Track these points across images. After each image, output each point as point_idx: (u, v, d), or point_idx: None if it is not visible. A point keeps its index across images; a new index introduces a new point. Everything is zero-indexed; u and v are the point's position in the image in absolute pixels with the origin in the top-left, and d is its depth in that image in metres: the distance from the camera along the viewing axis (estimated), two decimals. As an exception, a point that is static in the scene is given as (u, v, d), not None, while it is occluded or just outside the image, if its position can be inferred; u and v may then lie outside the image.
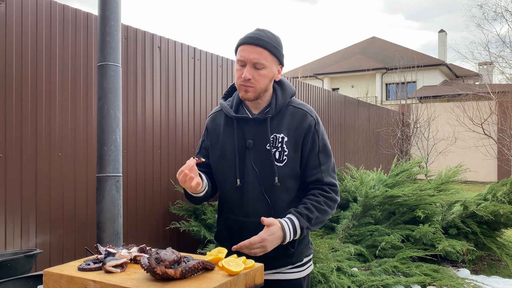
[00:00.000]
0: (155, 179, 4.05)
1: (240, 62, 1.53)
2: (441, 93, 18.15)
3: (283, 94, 1.61)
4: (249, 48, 1.50)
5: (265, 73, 1.52)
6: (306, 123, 1.58)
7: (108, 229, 1.73)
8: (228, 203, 1.62)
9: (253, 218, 1.55)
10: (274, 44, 1.53)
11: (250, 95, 1.53)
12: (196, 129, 4.58)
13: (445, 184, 4.96)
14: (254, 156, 1.56)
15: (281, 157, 1.55)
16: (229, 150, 1.59)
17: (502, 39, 15.53)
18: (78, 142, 3.29)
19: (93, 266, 1.16)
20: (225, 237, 1.64)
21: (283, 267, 1.58)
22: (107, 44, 1.75)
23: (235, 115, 1.59)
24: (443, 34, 29.24)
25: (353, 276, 3.80)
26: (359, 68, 25.36)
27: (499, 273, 4.57)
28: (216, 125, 1.66)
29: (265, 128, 1.56)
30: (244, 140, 1.58)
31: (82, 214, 3.31)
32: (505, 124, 11.32)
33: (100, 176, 1.78)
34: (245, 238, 1.56)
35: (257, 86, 1.52)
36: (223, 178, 1.62)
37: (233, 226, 1.60)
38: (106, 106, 1.75)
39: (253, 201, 1.56)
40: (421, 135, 12.67)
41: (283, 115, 1.59)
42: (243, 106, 1.63)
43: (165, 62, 4.17)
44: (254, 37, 1.50)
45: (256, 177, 1.55)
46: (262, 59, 1.50)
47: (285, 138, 1.56)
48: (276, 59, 1.55)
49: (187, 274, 1.06)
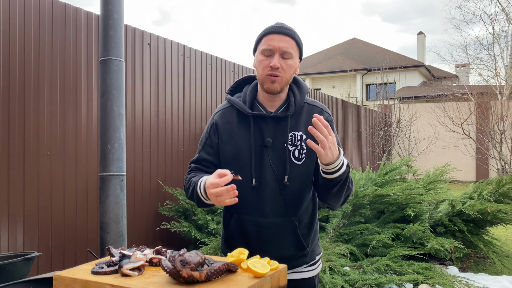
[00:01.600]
0: (145, 180, 3.96)
1: (266, 51, 1.48)
2: (421, 94, 18.47)
3: (300, 92, 1.58)
4: (278, 37, 1.47)
5: (291, 63, 1.49)
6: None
7: (112, 230, 1.65)
8: (242, 203, 1.55)
9: (270, 219, 1.51)
10: (299, 35, 1.52)
11: (276, 86, 1.48)
12: (186, 128, 4.51)
13: (433, 183, 5.02)
14: (272, 155, 1.51)
15: (300, 155, 1.51)
16: (245, 149, 1.53)
17: (480, 41, 15.91)
18: (67, 141, 3.19)
19: (108, 270, 1.09)
20: (238, 239, 1.57)
21: (299, 266, 1.56)
22: (110, 38, 1.67)
23: (252, 112, 1.53)
24: (422, 36, 29.77)
25: (346, 275, 3.79)
26: (340, 69, 25.61)
27: (485, 270, 4.65)
28: (227, 122, 1.59)
29: (284, 126, 1.52)
30: (261, 139, 1.52)
31: (71, 218, 3.21)
32: (484, 125, 11.57)
33: (104, 175, 1.70)
34: (261, 240, 1.52)
35: (284, 76, 1.48)
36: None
37: (248, 227, 1.54)
38: (110, 102, 1.67)
39: (270, 201, 1.51)
40: (402, 135, 12.86)
41: (300, 113, 1.56)
42: (257, 103, 1.58)
43: (155, 60, 4.09)
44: (282, 27, 1.48)
45: (275, 177, 1.51)
46: (290, 48, 1.47)
47: (303, 136, 1.53)
48: (299, 52, 1.53)
49: (212, 276, 1.01)
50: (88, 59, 3.33)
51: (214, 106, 4.95)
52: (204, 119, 4.79)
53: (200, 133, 4.72)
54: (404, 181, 4.97)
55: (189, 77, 4.55)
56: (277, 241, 1.52)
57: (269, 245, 1.52)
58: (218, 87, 5.01)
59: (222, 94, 5.08)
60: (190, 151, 4.55)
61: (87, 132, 3.32)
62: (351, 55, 28.58)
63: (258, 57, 1.51)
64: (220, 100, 5.05)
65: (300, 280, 1.56)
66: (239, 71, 5.37)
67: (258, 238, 1.52)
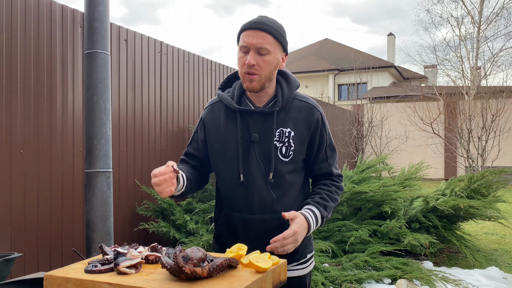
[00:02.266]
0: (121, 179, 3.87)
1: (243, 48, 1.45)
2: (392, 94, 18.87)
3: (288, 87, 1.55)
4: (252, 33, 1.42)
5: (269, 59, 1.45)
6: (314, 118, 1.53)
7: (99, 229, 1.59)
8: (230, 200, 1.53)
9: (259, 215, 1.49)
10: (278, 29, 1.47)
11: (255, 84, 1.45)
12: (163, 126, 4.43)
13: (408, 180, 5.13)
14: (259, 150, 1.49)
15: (287, 152, 1.50)
16: (232, 144, 1.51)
17: (447, 43, 16.39)
18: (42, 139, 3.07)
19: (103, 268, 1.05)
20: (227, 236, 1.55)
21: (288, 264, 1.53)
22: (96, 30, 1.60)
23: (239, 108, 1.51)
24: (392, 37, 30.44)
25: (326, 272, 3.82)
26: (313, 69, 25.85)
27: (458, 264, 4.78)
28: (214, 118, 1.57)
29: (271, 121, 1.50)
30: (248, 134, 1.50)
31: (46, 218, 3.09)
32: (452, 124, 11.94)
33: (89, 172, 1.63)
34: (250, 236, 1.50)
35: (262, 73, 1.44)
36: (224, 174, 1.54)
37: (237, 223, 1.52)
38: (95, 97, 1.61)
39: (258, 197, 1.49)
40: (374, 134, 13.11)
41: (289, 109, 1.53)
42: (245, 98, 1.55)
43: (131, 56, 4.00)
44: (257, 22, 1.44)
45: (262, 173, 1.49)
46: (266, 43, 1.43)
47: (291, 132, 1.50)
48: (280, 46, 1.48)
49: (214, 272, 0.98)
50: (63, 54, 3.22)
51: (191, 104, 4.89)
52: (182, 117, 4.73)
53: (178, 132, 4.65)
54: (380, 179, 5.06)
55: (166, 74, 4.47)
56: (265, 238, 1.50)
57: (257, 241, 1.50)
58: (196, 84, 4.95)
59: (200, 91, 5.02)
60: (167, 150, 4.47)
61: (63, 129, 3.20)
62: (324, 55, 28.92)
63: (238, 54, 1.49)
64: (198, 97, 4.99)
65: (290, 278, 1.53)
66: (216, 68, 5.33)
67: (247, 235, 1.50)
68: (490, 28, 16.39)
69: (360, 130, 13.14)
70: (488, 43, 16.85)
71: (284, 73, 1.59)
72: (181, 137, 4.70)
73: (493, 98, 11.68)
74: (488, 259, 4.93)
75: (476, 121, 11.29)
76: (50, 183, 3.11)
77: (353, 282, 3.66)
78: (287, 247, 1.35)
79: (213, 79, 5.25)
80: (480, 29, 15.89)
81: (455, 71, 16.17)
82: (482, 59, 15.96)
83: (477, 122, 11.27)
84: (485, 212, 4.75)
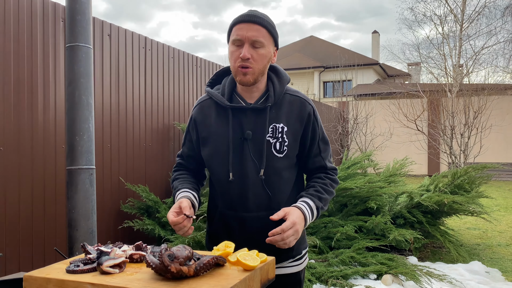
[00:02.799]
0: (105, 176, 3.80)
1: (236, 42, 1.42)
2: (377, 91, 19.03)
3: (280, 82, 1.53)
4: (247, 26, 1.40)
5: (263, 52, 1.43)
6: (306, 112, 1.52)
7: (82, 227, 1.54)
8: (225, 198, 1.51)
9: (254, 213, 1.47)
10: (270, 22, 1.45)
11: (249, 78, 1.43)
12: (148, 122, 4.37)
13: (393, 176, 5.17)
14: (253, 147, 1.47)
15: (281, 148, 1.48)
16: (224, 143, 1.48)
17: (430, 41, 16.60)
18: (23, 135, 2.99)
19: (85, 268, 1.01)
20: (222, 235, 1.53)
21: (284, 261, 1.52)
22: (78, 23, 1.55)
23: (231, 105, 1.48)
24: (376, 35, 30.67)
25: (312, 268, 3.83)
26: (299, 66, 25.89)
27: (442, 259, 4.84)
28: (205, 116, 1.54)
29: (264, 118, 1.47)
30: (241, 131, 1.48)
31: (27, 216, 3.02)
32: (436, 121, 12.09)
33: (72, 169, 1.58)
34: (246, 234, 1.48)
35: (256, 67, 1.42)
36: (218, 173, 1.51)
37: (232, 222, 1.50)
38: (78, 92, 1.56)
39: (253, 194, 1.47)
40: (359, 130, 13.20)
41: (280, 104, 1.51)
42: (236, 95, 1.52)
43: (115, 51, 3.93)
44: (250, 15, 1.42)
45: (256, 170, 1.46)
46: (261, 36, 1.41)
47: (285, 128, 1.48)
48: (273, 39, 1.47)
49: (200, 271, 0.96)
50: (45, 48, 3.14)
51: (176, 101, 4.83)
52: (167, 113, 4.67)
53: (163, 128, 4.60)
54: (366, 175, 5.09)
55: (150, 70, 4.41)
56: (261, 236, 1.48)
57: (253, 240, 1.48)
58: (181, 81, 4.90)
59: (185, 88, 4.97)
60: (152, 147, 4.42)
61: (44, 125, 3.13)
62: (309, 52, 28.98)
63: (229, 48, 1.46)
64: (183, 94, 4.94)
65: (286, 275, 1.53)
66: (202, 65, 5.28)
67: (242, 233, 1.48)
68: (472, 27, 16.64)
69: (345, 127, 13.22)
70: (470, 41, 17.11)
71: (275, 68, 1.57)
72: (166, 134, 4.64)
73: (475, 95, 11.87)
74: (471, 254, 5.01)
75: (459, 118, 11.47)
76: (31, 181, 3.04)
77: (339, 278, 3.67)
78: (288, 239, 1.32)
79: (198, 76, 5.20)
80: (462, 28, 16.12)
81: (438, 68, 16.40)
82: (465, 57, 16.22)
83: (459, 119, 11.44)
84: (468, 208, 4.82)
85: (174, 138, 4.76)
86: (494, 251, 5.15)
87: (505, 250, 5.18)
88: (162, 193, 4.51)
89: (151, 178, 4.40)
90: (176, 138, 4.78)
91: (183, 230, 1.35)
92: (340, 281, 3.62)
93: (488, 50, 16.76)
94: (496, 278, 4.15)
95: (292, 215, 1.36)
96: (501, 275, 4.26)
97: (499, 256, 4.91)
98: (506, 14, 16.34)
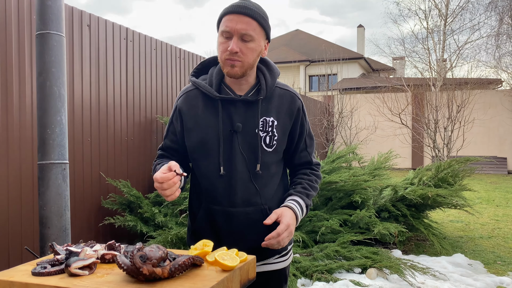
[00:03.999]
0: (85, 171, 3.70)
1: (225, 33, 1.35)
2: (362, 85, 19.11)
3: (271, 75, 1.47)
4: (236, 18, 1.33)
5: (253, 46, 1.36)
6: (295, 106, 1.48)
7: (54, 225, 1.47)
8: (211, 192, 1.44)
9: (241, 208, 1.42)
10: (262, 15, 1.38)
11: (237, 70, 1.36)
12: (129, 116, 4.27)
13: (378, 169, 5.17)
14: (242, 141, 1.41)
15: (271, 142, 1.43)
16: (213, 135, 1.42)
17: (415, 35, 16.70)
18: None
19: (52, 270, 0.95)
20: (207, 230, 1.47)
21: (271, 257, 1.48)
22: (48, 9, 1.46)
23: (220, 96, 1.41)
24: (361, 29, 30.77)
25: (297, 263, 3.80)
26: (284, 59, 25.83)
27: (425, 252, 4.88)
28: (191, 106, 1.46)
29: (255, 110, 1.42)
30: (230, 124, 1.42)
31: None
32: (420, 114, 12.20)
33: (43, 164, 1.50)
34: (232, 230, 1.43)
35: (245, 60, 1.36)
36: (205, 166, 1.44)
37: (218, 217, 1.44)
38: (49, 82, 1.47)
39: (241, 189, 1.41)
40: (344, 124, 13.25)
41: (271, 97, 1.46)
42: (224, 86, 1.46)
43: (95, 42, 3.81)
44: (242, 6, 1.34)
45: (245, 164, 1.41)
46: (250, 30, 1.34)
47: (275, 121, 1.44)
48: (264, 32, 1.40)
49: (176, 272, 0.90)
50: (20, 38, 3.02)
51: (159, 93, 4.74)
52: (149, 107, 4.57)
53: (145, 122, 4.51)
54: (351, 169, 5.08)
55: (132, 62, 4.30)
56: (248, 231, 1.43)
57: (239, 235, 1.43)
58: (164, 73, 4.80)
59: (168, 80, 4.87)
60: (134, 141, 4.32)
61: (20, 118, 3.02)
62: (295, 46, 28.95)
63: (218, 39, 1.39)
64: (166, 87, 4.85)
65: (272, 272, 1.49)
66: (185, 57, 5.18)
67: (228, 229, 1.43)
68: (456, 21, 16.80)
69: (330, 121, 13.25)
70: (454, 36, 17.30)
71: (265, 60, 1.51)
72: (149, 127, 4.55)
73: (459, 89, 12.00)
74: (454, 246, 5.05)
75: (442, 112, 11.58)
76: (7, 177, 2.93)
77: (324, 272, 3.65)
78: (283, 241, 1.33)
79: (181, 68, 5.11)
80: (446, 22, 16.25)
81: (422, 63, 16.52)
82: (448, 52, 16.37)
83: (443, 113, 11.55)
84: (451, 201, 4.85)
85: (157, 131, 4.67)
86: (477, 243, 5.21)
87: (487, 243, 5.24)
88: (144, 188, 4.42)
89: (133, 173, 4.31)
90: (159, 131, 4.69)
91: (171, 189, 1.23)
92: (325, 275, 3.60)
93: (472, 45, 16.95)
94: (478, 270, 4.19)
95: (286, 217, 1.35)
96: (483, 267, 4.30)
97: (481, 249, 4.96)
98: (489, 10, 16.53)
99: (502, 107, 13.66)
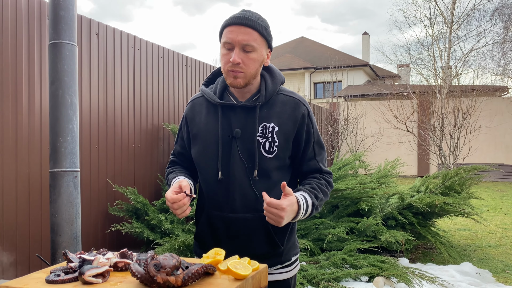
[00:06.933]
0: (92, 178, 3.72)
1: (227, 45, 1.37)
2: (367, 92, 19.10)
3: (273, 81, 1.48)
4: (237, 29, 1.35)
5: (255, 56, 1.38)
6: (299, 112, 1.47)
7: (66, 232, 1.47)
8: (211, 198, 1.46)
9: (241, 214, 1.42)
10: (263, 24, 1.40)
11: (239, 81, 1.39)
12: (137, 123, 4.30)
13: (384, 177, 5.15)
14: (241, 146, 1.42)
15: (271, 148, 1.43)
16: (212, 140, 1.44)
17: (421, 43, 16.69)
18: (6, 136, 2.90)
19: (66, 277, 0.95)
20: (207, 236, 1.48)
21: (272, 267, 1.47)
22: (61, 19, 1.48)
23: (220, 102, 1.44)
24: (366, 36, 30.81)
25: (303, 271, 3.78)
26: (289, 67, 25.91)
27: (433, 260, 4.84)
28: (196, 113, 1.50)
29: (253, 116, 1.43)
30: (230, 129, 1.43)
31: (11, 221, 2.93)
32: (426, 122, 12.15)
33: (55, 172, 1.51)
34: (231, 236, 1.44)
35: (247, 71, 1.38)
36: (206, 172, 1.47)
37: (218, 223, 1.45)
38: (61, 91, 1.49)
39: (240, 195, 1.42)
40: (350, 131, 13.22)
41: (273, 104, 1.46)
42: (227, 93, 1.48)
43: (103, 50, 3.85)
44: (242, 17, 1.36)
45: (244, 170, 1.42)
46: (252, 40, 1.36)
47: (275, 128, 1.43)
48: (266, 42, 1.42)
49: (189, 281, 0.90)
50: (30, 46, 3.06)
51: (166, 101, 4.76)
52: (156, 114, 4.60)
53: (152, 129, 4.53)
54: (357, 176, 5.06)
55: (139, 69, 4.33)
56: (247, 238, 1.43)
57: (239, 242, 1.43)
58: (171, 80, 4.83)
59: (175, 88, 4.90)
60: (141, 148, 4.34)
61: (29, 126, 3.04)
62: (299, 53, 29.03)
63: (220, 50, 1.42)
64: (173, 94, 4.87)
65: (274, 282, 1.47)
66: (192, 64, 5.21)
67: (228, 235, 1.43)
68: (462, 29, 16.79)
69: (335, 128, 13.24)
70: (460, 43, 17.26)
71: (269, 67, 1.53)
72: (156, 135, 4.57)
73: (464, 96, 11.95)
74: (462, 255, 5.01)
75: (448, 119, 11.53)
76: (15, 184, 2.95)
77: (331, 280, 3.63)
78: (268, 213, 1.27)
79: (188, 76, 5.13)
80: (452, 29, 16.24)
81: (428, 70, 16.49)
82: (454, 59, 16.33)
83: (449, 120, 11.50)
84: (459, 209, 4.82)
85: (164, 139, 4.69)
86: (484, 252, 5.16)
87: (495, 251, 5.19)
88: (151, 195, 4.43)
89: (140, 180, 4.32)
90: (165, 139, 4.71)
91: (181, 208, 1.31)
92: (332, 284, 3.58)
93: (477, 52, 16.88)
94: (486, 279, 4.15)
95: (287, 200, 1.29)
96: (492, 276, 4.26)
97: (489, 257, 4.92)
98: (495, 17, 16.51)
99: (508, 114, 13.59)
